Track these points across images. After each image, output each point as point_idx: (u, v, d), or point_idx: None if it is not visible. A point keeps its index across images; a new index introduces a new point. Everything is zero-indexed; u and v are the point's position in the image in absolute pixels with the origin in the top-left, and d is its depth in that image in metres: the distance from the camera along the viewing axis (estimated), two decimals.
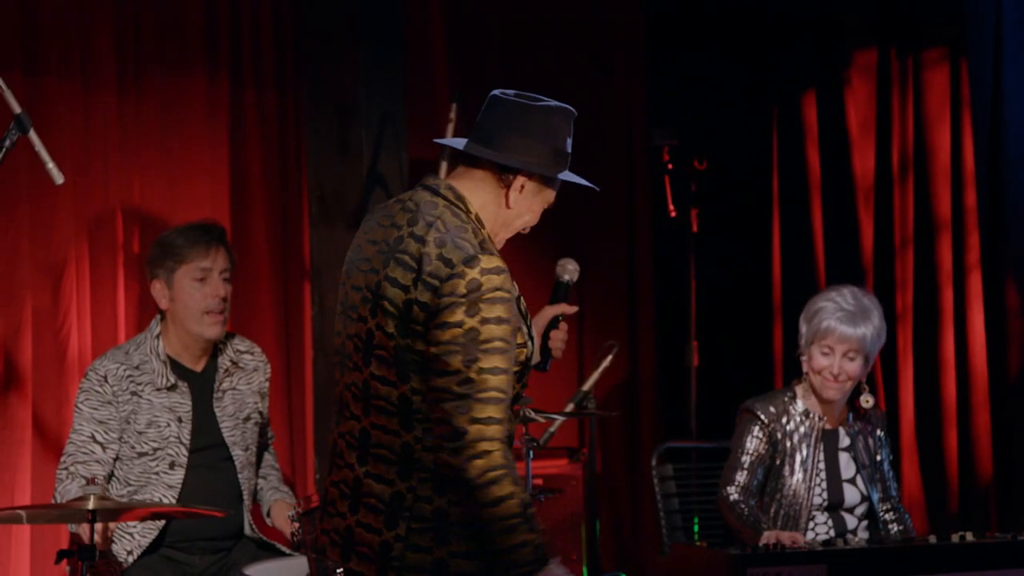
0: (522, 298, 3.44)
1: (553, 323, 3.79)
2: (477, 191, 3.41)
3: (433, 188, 3.41)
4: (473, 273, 3.25)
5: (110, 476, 4.72)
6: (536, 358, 3.71)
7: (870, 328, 4.83)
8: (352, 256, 3.45)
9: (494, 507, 3.23)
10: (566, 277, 3.88)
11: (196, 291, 4.74)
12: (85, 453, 4.67)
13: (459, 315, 3.24)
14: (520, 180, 3.40)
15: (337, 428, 3.47)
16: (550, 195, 3.47)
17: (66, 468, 4.66)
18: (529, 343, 3.40)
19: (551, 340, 3.77)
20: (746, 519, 4.77)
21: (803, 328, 4.91)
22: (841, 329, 4.81)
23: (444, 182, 3.41)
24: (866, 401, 4.93)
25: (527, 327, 3.42)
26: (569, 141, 3.43)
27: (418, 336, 3.28)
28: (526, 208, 3.43)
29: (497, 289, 3.25)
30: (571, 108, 3.44)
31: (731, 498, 4.83)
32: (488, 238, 3.37)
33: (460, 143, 3.46)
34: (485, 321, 3.23)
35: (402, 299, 3.29)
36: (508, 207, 3.41)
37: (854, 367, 4.83)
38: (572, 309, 3.83)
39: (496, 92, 3.41)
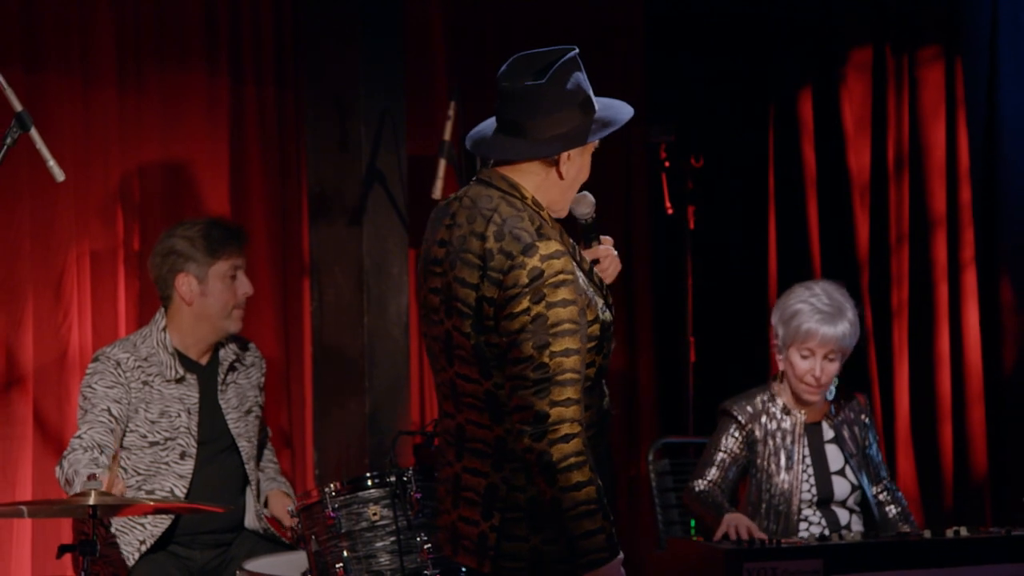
0: (595, 271, 3.47)
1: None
2: (528, 175, 3.43)
3: (486, 180, 3.44)
4: (533, 262, 3.29)
5: (115, 453, 4.69)
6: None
7: (847, 325, 4.83)
8: (424, 259, 3.49)
9: (576, 491, 3.26)
10: (584, 218, 3.69)
11: (229, 288, 4.80)
12: (101, 422, 4.64)
13: (525, 303, 3.28)
14: (565, 152, 3.43)
15: (438, 428, 3.55)
16: (593, 144, 3.49)
17: (79, 437, 4.63)
18: (605, 313, 3.43)
19: (602, 272, 3.63)
20: (709, 504, 4.79)
21: (779, 330, 4.89)
22: (822, 331, 4.79)
23: (497, 172, 3.44)
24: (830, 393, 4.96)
25: (603, 297, 3.45)
26: (584, 80, 3.44)
27: (491, 331, 3.33)
28: (578, 168, 3.47)
29: (559, 273, 3.29)
30: (569, 49, 3.43)
31: (697, 489, 4.85)
32: (547, 220, 3.41)
33: (490, 127, 3.47)
34: (551, 305, 3.27)
35: (473, 297, 3.35)
36: (563, 178, 3.44)
37: (834, 368, 4.84)
38: (606, 245, 3.65)
39: (502, 82, 3.41)
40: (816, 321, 4.80)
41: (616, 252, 3.69)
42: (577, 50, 3.43)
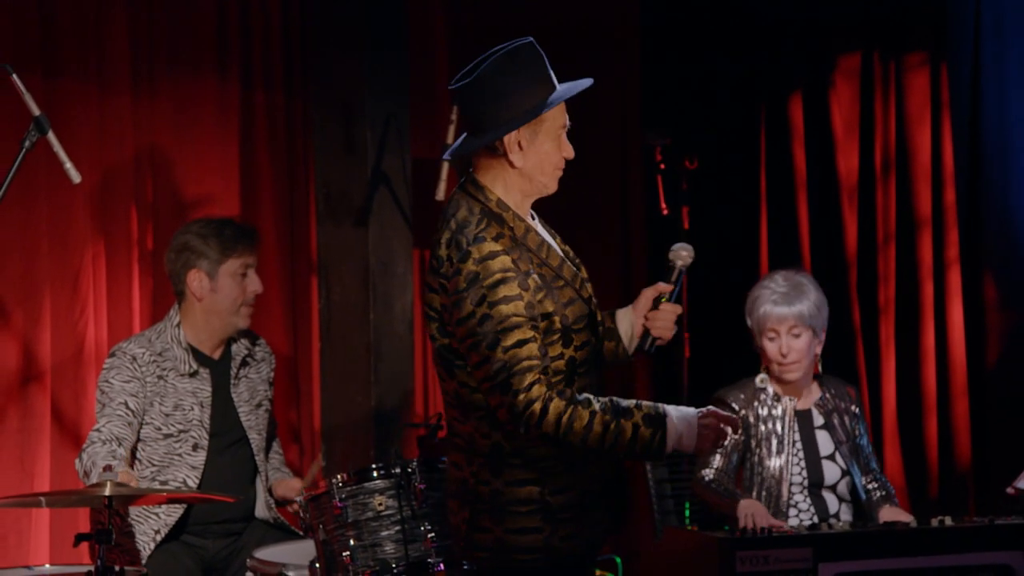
0: (567, 265, 3.45)
1: (654, 304, 3.64)
2: (491, 173, 3.46)
3: (463, 183, 3.49)
4: (468, 266, 3.34)
5: (135, 446, 4.75)
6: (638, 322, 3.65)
7: (806, 303, 4.91)
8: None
9: (589, 436, 3.31)
10: (679, 263, 3.70)
11: (238, 285, 4.84)
12: (119, 415, 4.68)
13: (469, 307, 3.34)
14: (507, 141, 3.41)
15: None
16: (554, 119, 3.44)
17: (98, 430, 4.66)
18: (571, 307, 3.42)
19: (649, 321, 3.62)
20: (722, 493, 4.83)
21: (748, 322, 4.99)
22: (777, 311, 4.89)
23: (470, 175, 3.48)
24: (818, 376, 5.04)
25: (577, 292, 3.44)
26: (535, 68, 3.39)
27: (452, 335, 3.40)
28: (537, 150, 3.44)
29: (495, 272, 3.33)
30: (518, 45, 3.40)
31: (707, 479, 4.89)
32: (509, 221, 3.41)
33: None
34: (493, 304, 3.31)
35: (438, 302, 3.43)
36: (515, 167, 3.43)
37: (801, 342, 4.91)
38: (667, 288, 3.64)
39: (451, 87, 3.46)
40: (772, 303, 4.91)
41: (674, 322, 3.63)
42: (529, 39, 3.42)
